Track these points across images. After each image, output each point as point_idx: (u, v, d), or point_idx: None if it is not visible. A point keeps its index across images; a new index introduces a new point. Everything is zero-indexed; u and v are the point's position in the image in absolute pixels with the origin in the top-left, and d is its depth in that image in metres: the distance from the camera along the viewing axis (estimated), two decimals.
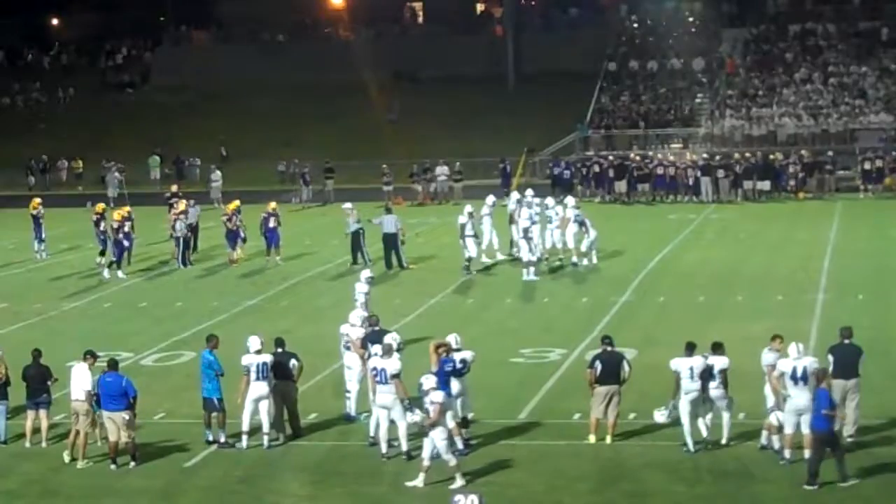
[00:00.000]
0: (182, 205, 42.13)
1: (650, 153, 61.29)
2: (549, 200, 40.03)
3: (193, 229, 42.72)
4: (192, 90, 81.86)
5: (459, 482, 19.41)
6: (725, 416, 20.84)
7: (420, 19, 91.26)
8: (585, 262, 38.38)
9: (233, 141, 72.18)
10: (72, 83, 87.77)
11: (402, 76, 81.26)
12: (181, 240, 41.22)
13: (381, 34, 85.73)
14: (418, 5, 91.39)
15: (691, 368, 20.71)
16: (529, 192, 40.54)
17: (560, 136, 66.06)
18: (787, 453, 19.96)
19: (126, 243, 40.07)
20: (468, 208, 38.25)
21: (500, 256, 39.72)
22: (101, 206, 42.95)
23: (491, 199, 40.54)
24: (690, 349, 20.92)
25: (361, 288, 28.20)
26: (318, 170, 61.06)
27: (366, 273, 29.31)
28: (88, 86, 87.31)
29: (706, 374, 20.62)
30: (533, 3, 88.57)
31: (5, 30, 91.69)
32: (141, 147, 71.21)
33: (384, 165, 59.21)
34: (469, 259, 37.81)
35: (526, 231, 36.68)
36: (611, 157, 59.62)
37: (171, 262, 41.57)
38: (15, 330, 32.35)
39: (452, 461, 19.59)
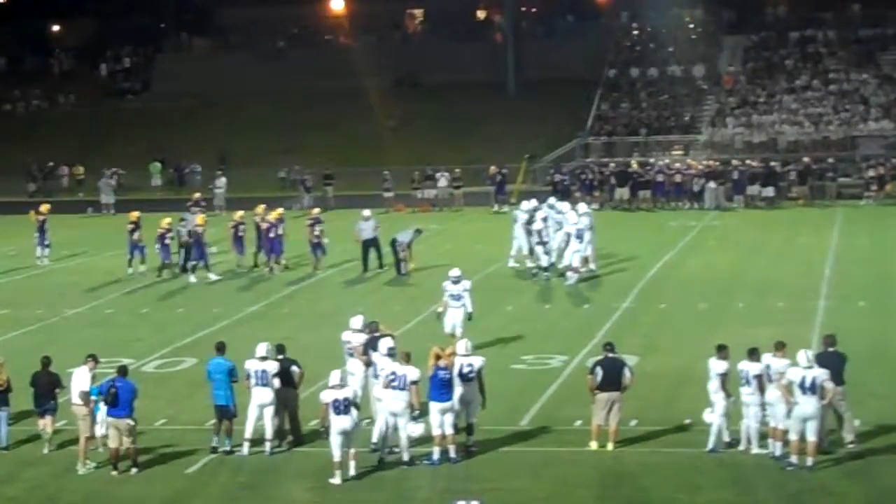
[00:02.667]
0: (239, 215, 41.51)
1: (651, 160, 61.32)
2: (564, 206, 39.96)
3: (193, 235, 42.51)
4: (193, 97, 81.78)
5: (337, 480, 20.10)
6: (753, 423, 20.81)
7: (420, 26, 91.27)
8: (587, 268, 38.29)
9: (233, 147, 72.15)
10: (72, 90, 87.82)
11: (403, 83, 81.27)
12: (186, 245, 41.14)
13: (381, 41, 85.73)
14: (419, 12, 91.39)
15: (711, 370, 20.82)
16: (552, 199, 41.27)
17: (561, 143, 66.07)
18: (794, 459, 19.98)
19: (166, 250, 40.26)
20: (541, 214, 38.03)
21: (529, 263, 39.79)
22: (135, 215, 41.87)
23: (526, 204, 40.62)
24: (719, 350, 21.07)
25: (447, 286, 28.48)
26: (317, 176, 61.11)
27: (453, 272, 29.04)
28: (89, 92, 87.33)
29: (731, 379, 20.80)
30: (534, 9, 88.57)
31: (6, 36, 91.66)
32: (141, 154, 71.27)
33: (385, 172, 59.22)
34: (544, 266, 37.57)
35: (580, 234, 36.67)
36: (612, 165, 59.58)
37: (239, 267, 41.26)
38: (16, 336, 32.36)
39: (337, 457, 20.24)
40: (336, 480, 20.21)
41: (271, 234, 40.54)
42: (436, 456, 20.88)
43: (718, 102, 69.00)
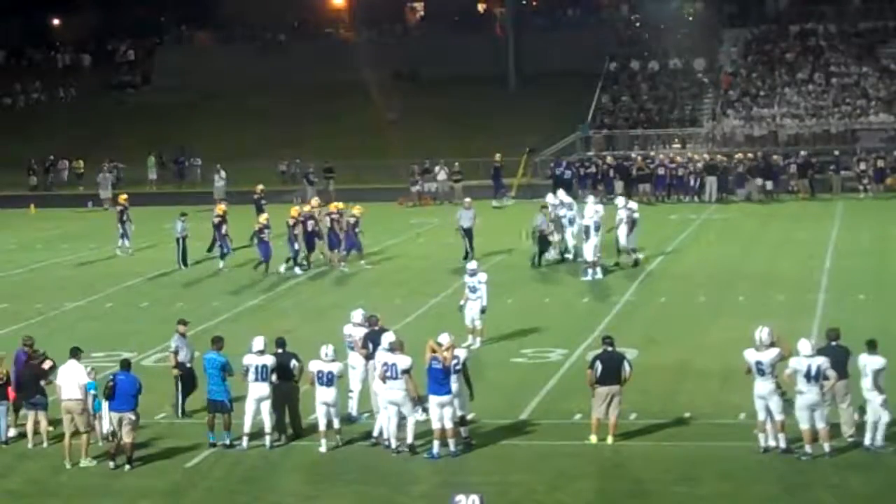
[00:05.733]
0: (306, 207, 40.58)
1: (651, 153, 61.32)
2: (619, 200, 39.98)
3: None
4: (193, 90, 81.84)
5: (323, 448, 21.40)
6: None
7: (421, 19, 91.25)
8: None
9: (233, 141, 72.12)
10: (73, 83, 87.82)
11: (403, 76, 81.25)
12: (180, 240, 41.11)
13: (382, 34, 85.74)
14: (419, 5, 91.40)
15: (865, 366, 20.46)
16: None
17: (561, 137, 66.07)
18: (808, 448, 20.04)
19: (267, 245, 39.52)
20: (602, 209, 37.83)
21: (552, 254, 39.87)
22: (221, 208, 41.45)
23: (550, 197, 40.68)
24: (870, 347, 20.66)
25: (465, 278, 28.76)
26: (318, 170, 61.07)
27: (470, 264, 29.35)
28: (89, 86, 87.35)
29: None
30: (534, 3, 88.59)
31: (7, 30, 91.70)
32: (142, 147, 71.25)
33: (414, 166, 59.24)
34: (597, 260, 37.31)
35: (587, 230, 36.61)
36: (609, 159, 59.58)
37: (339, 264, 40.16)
38: (16, 330, 32.32)
39: (322, 426, 21.54)
40: (322, 449, 21.21)
41: (357, 230, 39.78)
42: (435, 449, 20.88)
43: (719, 96, 69.00)
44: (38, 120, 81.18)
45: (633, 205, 39.26)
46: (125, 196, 45.61)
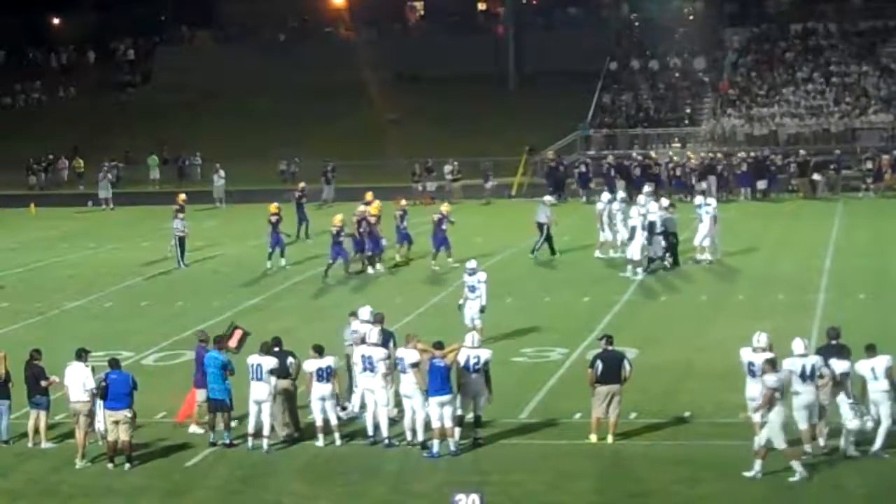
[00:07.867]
0: (373, 208, 39.69)
1: (651, 152, 61.28)
2: (699, 199, 40.05)
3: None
4: (193, 90, 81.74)
5: (320, 442, 21.61)
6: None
7: (421, 19, 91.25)
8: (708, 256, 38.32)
9: (233, 141, 72.08)
10: (72, 83, 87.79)
11: (404, 76, 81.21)
12: (179, 239, 41.07)
13: (382, 34, 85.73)
14: (419, 5, 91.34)
15: (873, 369, 20.26)
16: (647, 189, 41.46)
17: (562, 136, 66.05)
18: (807, 447, 20.02)
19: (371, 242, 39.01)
20: (657, 207, 37.71)
21: (598, 254, 39.83)
22: (274, 207, 40.93)
23: (606, 196, 40.87)
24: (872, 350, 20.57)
25: (465, 277, 28.86)
26: (318, 170, 61.01)
27: (469, 263, 29.30)
28: (89, 85, 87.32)
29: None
30: (534, 2, 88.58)
31: (6, 29, 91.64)
32: (142, 146, 71.27)
33: (416, 165, 59.22)
34: (654, 258, 37.22)
35: (633, 230, 36.57)
36: (610, 158, 59.56)
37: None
38: (16, 329, 32.38)
39: (319, 421, 21.75)
40: (319, 443, 21.41)
41: (443, 227, 39.37)
42: (435, 449, 20.90)
43: (719, 95, 68.99)
44: (38, 120, 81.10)
45: (713, 201, 39.39)
46: (184, 196, 45.20)
